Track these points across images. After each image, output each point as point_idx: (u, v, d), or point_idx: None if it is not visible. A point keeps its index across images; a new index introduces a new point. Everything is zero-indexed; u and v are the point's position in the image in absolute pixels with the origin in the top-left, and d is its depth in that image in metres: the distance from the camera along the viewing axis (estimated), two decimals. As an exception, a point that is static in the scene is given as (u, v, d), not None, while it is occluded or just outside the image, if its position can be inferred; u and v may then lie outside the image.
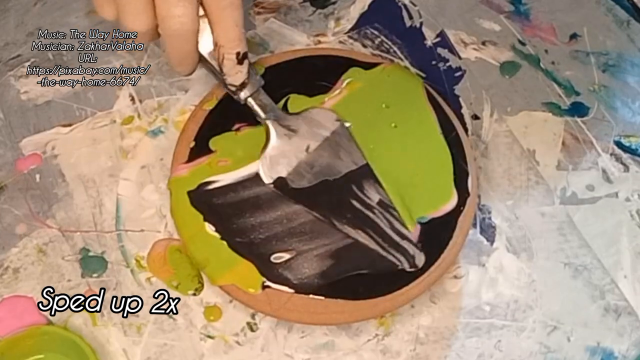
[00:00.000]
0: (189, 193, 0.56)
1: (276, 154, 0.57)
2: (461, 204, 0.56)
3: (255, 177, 0.56)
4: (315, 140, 0.57)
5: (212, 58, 0.55)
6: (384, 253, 0.55)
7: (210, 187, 0.56)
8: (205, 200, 0.56)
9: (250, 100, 0.57)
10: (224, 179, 0.56)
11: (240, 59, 0.54)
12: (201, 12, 0.53)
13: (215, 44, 0.54)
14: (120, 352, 0.54)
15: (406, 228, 0.55)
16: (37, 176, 0.59)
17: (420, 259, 0.55)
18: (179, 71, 0.56)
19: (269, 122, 0.57)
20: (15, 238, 0.57)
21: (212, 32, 0.54)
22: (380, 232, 0.55)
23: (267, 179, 0.56)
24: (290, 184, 0.56)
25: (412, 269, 0.55)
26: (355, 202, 0.56)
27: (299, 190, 0.56)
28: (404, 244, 0.55)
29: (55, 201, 0.59)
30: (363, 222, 0.55)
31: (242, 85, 0.56)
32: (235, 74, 0.55)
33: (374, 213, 0.56)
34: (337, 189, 0.56)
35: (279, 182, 0.56)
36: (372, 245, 0.55)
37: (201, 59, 0.55)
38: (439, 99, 0.60)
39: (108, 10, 0.53)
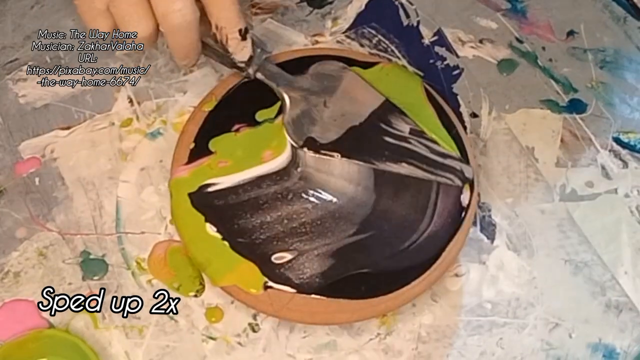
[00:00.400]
0: (190, 195, 0.56)
1: (297, 117, 0.57)
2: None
3: (256, 180, 0.56)
4: (330, 93, 0.57)
5: (214, 41, 0.55)
6: (432, 177, 0.55)
7: (211, 189, 0.56)
8: (206, 202, 0.56)
9: (259, 74, 0.58)
10: (224, 182, 0.56)
11: (243, 34, 0.55)
12: None
13: (216, 27, 0.54)
14: (122, 354, 0.54)
15: (443, 147, 0.56)
16: (37, 179, 0.59)
17: (469, 172, 0.56)
18: (184, 64, 0.57)
19: (281, 89, 0.57)
20: (16, 242, 0.57)
21: (210, 16, 0.54)
22: (422, 158, 0.56)
23: (295, 143, 0.56)
24: (319, 141, 0.56)
25: (464, 183, 0.55)
26: (388, 138, 0.56)
27: (330, 144, 0.56)
28: (448, 162, 0.56)
29: (55, 204, 0.58)
30: (402, 154, 0.56)
31: (250, 60, 0.57)
32: (242, 50, 0.56)
33: (409, 143, 0.56)
34: (366, 132, 0.56)
35: (309, 142, 0.56)
36: (419, 174, 0.55)
37: (203, 46, 0.56)
38: (438, 98, 0.60)
39: (102, 22, 0.53)
